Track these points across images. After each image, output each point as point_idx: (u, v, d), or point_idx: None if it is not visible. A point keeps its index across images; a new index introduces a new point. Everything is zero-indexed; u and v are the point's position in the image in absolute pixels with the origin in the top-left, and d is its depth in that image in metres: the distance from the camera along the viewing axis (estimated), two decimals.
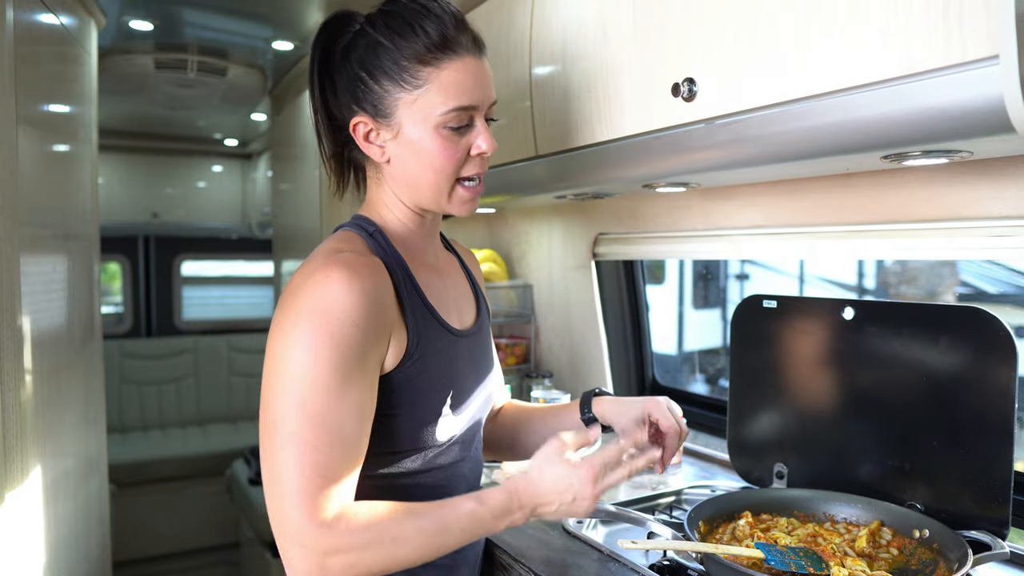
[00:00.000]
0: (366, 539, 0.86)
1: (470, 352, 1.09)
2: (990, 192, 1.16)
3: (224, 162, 4.56)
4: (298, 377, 0.86)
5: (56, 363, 1.67)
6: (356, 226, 1.03)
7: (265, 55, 2.80)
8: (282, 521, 0.86)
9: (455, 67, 0.97)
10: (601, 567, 1.17)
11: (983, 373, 1.11)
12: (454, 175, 1.00)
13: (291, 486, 0.85)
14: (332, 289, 0.88)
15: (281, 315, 0.90)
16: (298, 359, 0.86)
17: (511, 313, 2.35)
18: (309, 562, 0.85)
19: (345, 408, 0.87)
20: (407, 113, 0.97)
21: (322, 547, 0.84)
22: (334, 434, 0.86)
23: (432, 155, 0.98)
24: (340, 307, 0.87)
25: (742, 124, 1.06)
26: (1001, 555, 1.03)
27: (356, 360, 0.88)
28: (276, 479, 0.86)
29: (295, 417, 0.86)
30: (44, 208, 1.63)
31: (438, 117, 0.96)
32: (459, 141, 0.99)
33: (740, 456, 1.48)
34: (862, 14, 0.88)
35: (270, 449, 0.87)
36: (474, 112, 0.99)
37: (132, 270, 4.65)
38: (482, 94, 0.99)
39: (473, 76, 0.98)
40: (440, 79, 0.96)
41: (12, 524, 1.37)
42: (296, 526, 0.85)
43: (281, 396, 0.87)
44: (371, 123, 1.00)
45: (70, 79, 1.88)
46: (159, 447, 4.19)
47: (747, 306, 1.46)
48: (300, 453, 0.85)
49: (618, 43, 1.26)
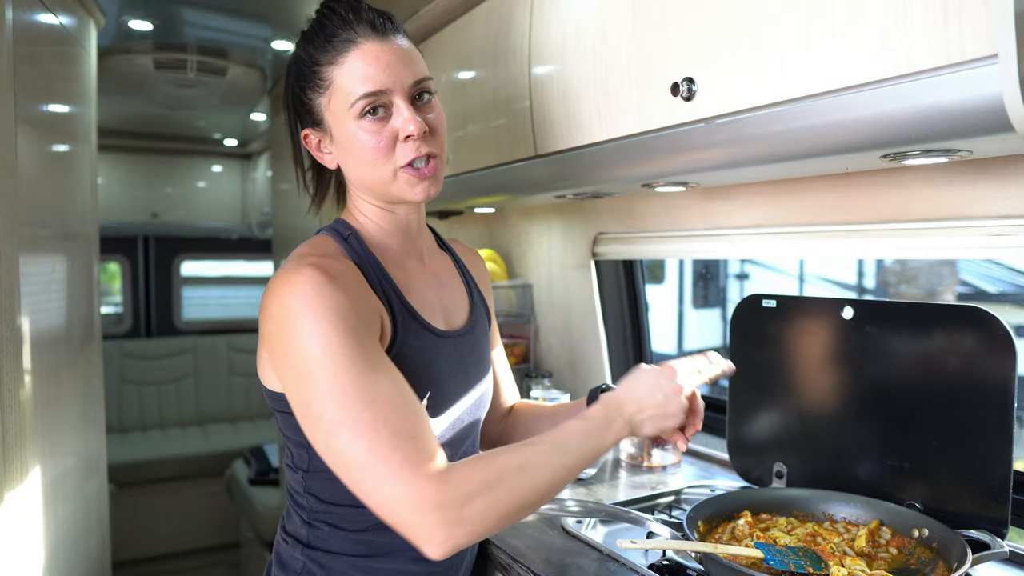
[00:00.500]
0: (493, 474, 0.84)
1: (456, 353, 1.08)
2: (990, 191, 1.16)
3: (224, 162, 4.56)
4: (329, 371, 0.84)
5: (55, 363, 1.67)
6: (332, 230, 1.05)
7: (264, 55, 2.80)
8: (394, 501, 0.81)
9: (353, 57, 0.97)
10: (600, 567, 1.17)
11: (983, 372, 1.11)
12: (390, 163, 0.99)
13: (387, 466, 0.81)
14: (313, 285, 0.87)
15: (275, 326, 0.89)
16: (319, 356, 0.84)
17: (511, 313, 2.35)
18: (448, 521, 0.80)
19: (382, 375, 0.86)
20: (330, 116, 1.00)
21: (453, 499, 0.80)
22: (387, 399, 0.84)
23: (361, 149, 0.99)
24: (327, 297, 0.87)
25: (741, 123, 1.06)
26: (1000, 554, 1.03)
27: (367, 335, 0.88)
28: (367, 473, 0.82)
29: (346, 405, 0.83)
30: (43, 208, 1.63)
31: (351, 110, 0.97)
32: (383, 128, 0.98)
33: (739, 456, 1.48)
34: (861, 13, 0.87)
35: (342, 451, 0.83)
36: (388, 96, 0.97)
37: (132, 270, 4.65)
38: (390, 75, 0.97)
39: (375, 60, 0.97)
40: (342, 73, 0.97)
41: (11, 524, 1.37)
42: (412, 495, 0.80)
43: (326, 398, 0.84)
44: (314, 134, 1.04)
45: (69, 79, 1.88)
46: (159, 447, 4.19)
47: (747, 306, 1.46)
48: (374, 433, 0.82)
49: (617, 42, 1.26)
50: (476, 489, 0.82)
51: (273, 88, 3.18)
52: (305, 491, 1.02)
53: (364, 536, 1.01)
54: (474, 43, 1.71)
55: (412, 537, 0.81)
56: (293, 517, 1.05)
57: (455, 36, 1.80)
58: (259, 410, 4.80)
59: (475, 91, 1.72)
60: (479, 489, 0.82)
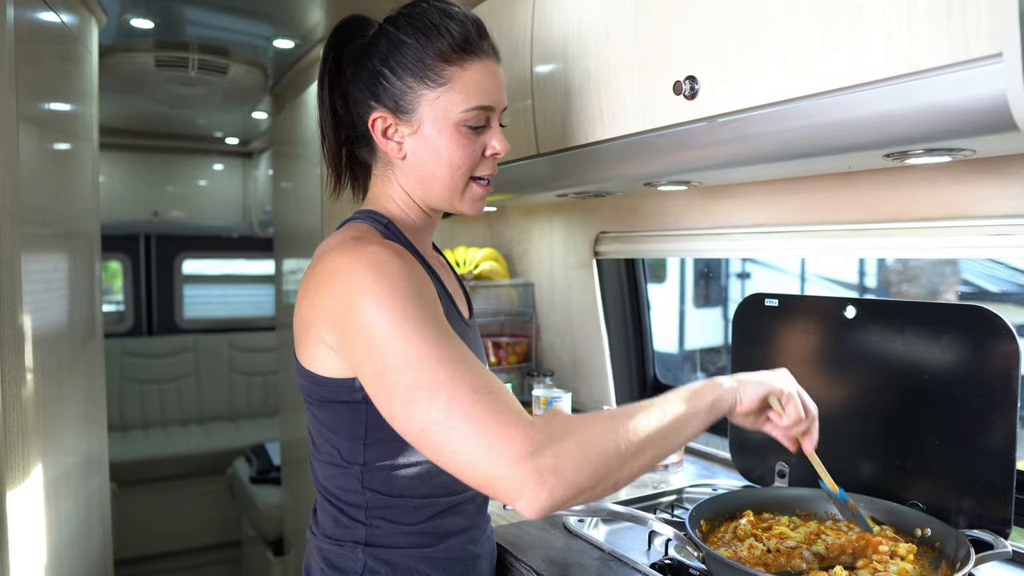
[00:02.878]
0: (581, 423, 0.80)
1: (473, 343, 1.12)
2: (993, 191, 1.16)
3: (225, 160, 4.56)
4: (404, 338, 0.82)
5: (57, 361, 1.67)
6: (368, 218, 1.04)
7: (266, 53, 2.79)
8: (481, 456, 0.77)
9: (477, 68, 1.01)
10: (602, 566, 1.17)
11: (985, 372, 1.11)
12: (469, 173, 1.03)
13: (470, 421, 0.77)
14: (381, 260, 0.87)
15: (344, 300, 0.86)
16: (394, 324, 0.83)
17: (512, 311, 2.35)
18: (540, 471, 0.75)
19: (456, 342, 0.84)
20: (429, 110, 1.00)
21: (543, 446, 0.76)
22: (467, 361, 0.82)
23: (450, 152, 1.01)
24: (397, 269, 0.87)
25: (744, 122, 1.06)
26: (1003, 554, 1.03)
27: (435, 306, 0.87)
28: (449, 433, 0.78)
29: (429, 369, 0.80)
30: (45, 206, 1.63)
31: (459, 115, 1.00)
32: (476, 140, 1.02)
33: (741, 455, 1.48)
34: (864, 12, 0.87)
35: (422, 416, 0.80)
36: (491, 113, 1.03)
37: (133, 268, 4.65)
38: (499, 96, 1.03)
39: (492, 78, 1.02)
40: (463, 78, 1.00)
41: (14, 522, 1.37)
42: (500, 445, 0.76)
43: (402, 364, 0.81)
44: (391, 119, 1.02)
45: (71, 77, 1.88)
46: (160, 445, 4.19)
47: (749, 305, 1.46)
48: (454, 391, 0.79)
49: (619, 41, 1.26)
50: (564, 436, 0.78)
51: (275, 87, 3.18)
52: (363, 487, 0.99)
53: (424, 527, 1.01)
54: None
55: (505, 494, 0.76)
56: (341, 519, 1.01)
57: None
58: (260, 408, 4.80)
59: None
60: (567, 436, 0.78)
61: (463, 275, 2.33)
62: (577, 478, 0.77)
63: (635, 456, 0.82)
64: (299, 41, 2.60)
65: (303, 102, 2.71)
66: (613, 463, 0.79)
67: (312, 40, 2.56)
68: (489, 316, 2.32)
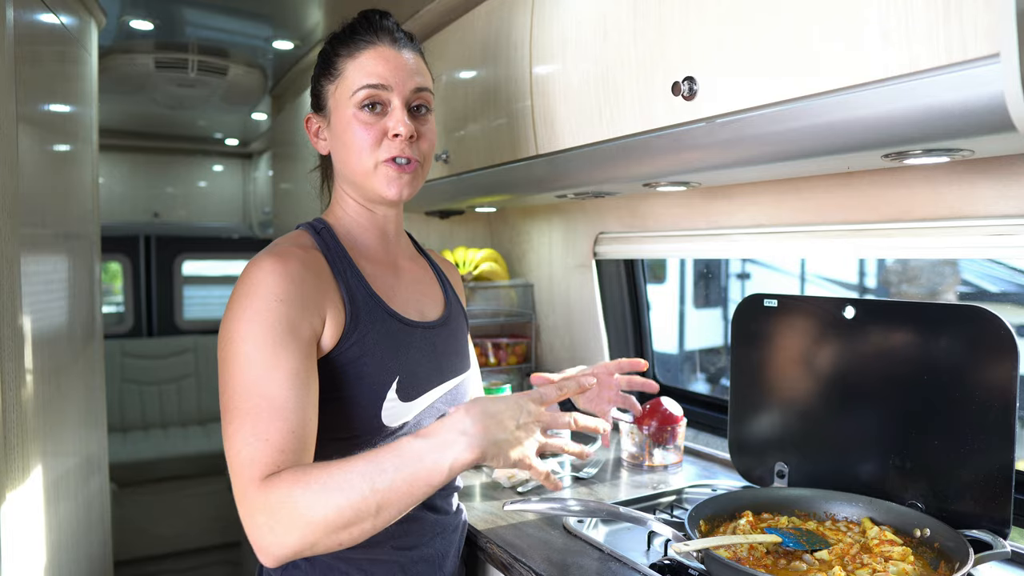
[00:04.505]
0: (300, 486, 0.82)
1: (429, 345, 1.13)
2: (992, 191, 1.16)
3: (225, 162, 4.56)
4: (236, 356, 0.90)
5: (57, 363, 1.67)
6: (308, 224, 1.12)
7: (265, 55, 2.80)
8: (236, 491, 0.86)
9: (368, 53, 1.08)
10: (602, 566, 1.17)
11: (984, 372, 1.11)
12: (373, 155, 1.07)
13: (236, 456, 0.86)
14: (260, 273, 0.94)
15: (226, 308, 0.96)
16: (234, 340, 0.91)
17: (512, 312, 2.35)
18: (260, 527, 0.83)
19: (280, 376, 0.90)
20: (332, 102, 1.10)
21: (266, 505, 0.82)
22: (270, 400, 0.88)
23: (352, 136, 1.07)
24: (264, 285, 0.93)
25: (742, 123, 1.06)
26: (1002, 554, 1.03)
27: (286, 331, 0.92)
28: (228, 454, 0.88)
29: (236, 392, 0.89)
30: (45, 208, 1.63)
31: (352, 99, 1.07)
32: (376, 123, 1.07)
33: (741, 455, 1.48)
34: (862, 13, 0.87)
35: (223, 429, 0.90)
36: (388, 94, 1.07)
37: (133, 270, 4.65)
38: (394, 75, 1.07)
39: (384, 61, 1.07)
40: (353, 66, 1.08)
41: (13, 523, 1.37)
42: (241, 491, 0.85)
43: (225, 377, 0.91)
44: (315, 119, 1.15)
45: (71, 79, 1.88)
46: (160, 446, 4.19)
47: (748, 305, 1.46)
48: (241, 424, 0.88)
49: (618, 42, 1.26)
50: (283, 499, 0.82)
51: (274, 88, 3.18)
52: None
53: None
54: (475, 42, 1.71)
55: (248, 535, 0.85)
56: None
57: (456, 35, 1.80)
58: None
59: (476, 90, 1.71)
60: (286, 499, 0.82)
61: (463, 276, 2.33)
62: (289, 541, 0.82)
63: (348, 521, 0.82)
64: (298, 42, 2.60)
65: (303, 103, 2.71)
66: (324, 527, 0.82)
67: (311, 41, 2.56)
68: (488, 317, 2.32)
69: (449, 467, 0.83)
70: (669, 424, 1.66)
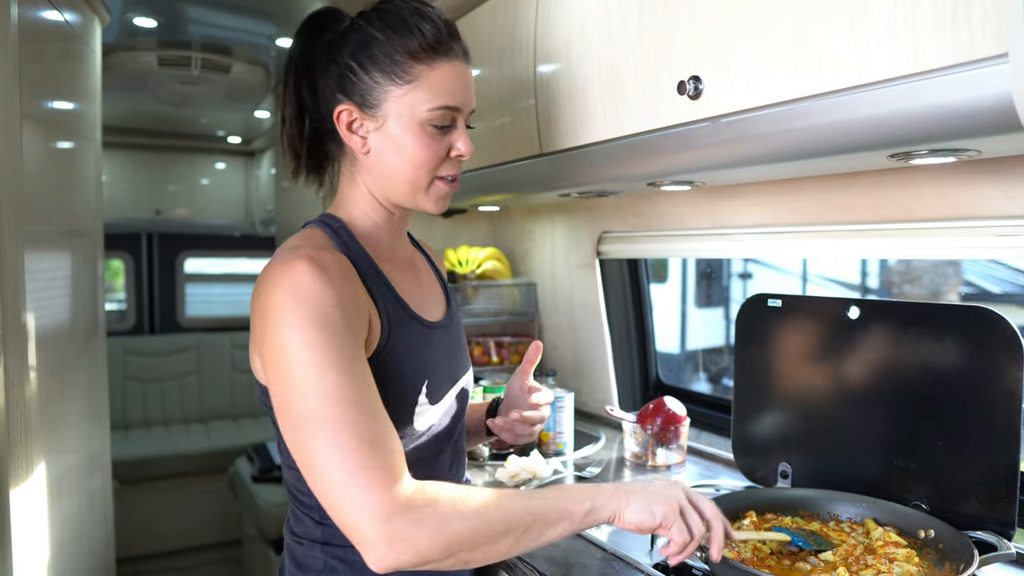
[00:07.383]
0: (449, 501, 0.83)
1: (442, 344, 1.11)
2: (998, 192, 1.15)
3: (227, 159, 4.56)
4: (303, 366, 0.85)
5: (60, 360, 1.67)
6: (321, 223, 1.05)
7: (268, 52, 2.80)
8: (343, 503, 0.81)
9: (445, 68, 1.01)
10: (605, 566, 1.17)
11: (989, 373, 1.10)
12: (432, 172, 1.03)
13: (342, 467, 0.81)
14: (302, 279, 0.88)
15: (262, 318, 0.90)
16: (296, 350, 0.85)
17: (515, 311, 2.35)
18: (391, 534, 0.79)
19: (357, 380, 0.86)
20: (395, 106, 1.00)
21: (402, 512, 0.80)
22: (356, 404, 0.84)
23: (414, 150, 1.01)
24: (315, 292, 0.88)
25: (747, 122, 1.06)
26: (1007, 556, 1.02)
27: (348, 336, 0.88)
28: (322, 471, 0.82)
29: (317, 403, 0.84)
30: (48, 205, 1.63)
31: (425, 114, 1.00)
32: (440, 140, 1.02)
33: (744, 455, 1.48)
34: (869, 12, 0.87)
35: (303, 445, 0.84)
36: (457, 114, 1.03)
37: (135, 267, 4.65)
38: (466, 98, 1.03)
39: (461, 79, 1.02)
40: (431, 77, 1.00)
41: (16, 521, 1.37)
42: (362, 500, 0.80)
43: (295, 391, 0.85)
44: (356, 113, 1.02)
45: (74, 76, 1.88)
46: (162, 444, 4.20)
47: (752, 305, 1.46)
48: (336, 431, 0.82)
49: (623, 41, 1.25)
50: (426, 506, 0.81)
51: (277, 86, 3.18)
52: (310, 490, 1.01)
53: None
54: (479, 41, 1.70)
55: (358, 542, 0.81)
56: (302, 519, 1.04)
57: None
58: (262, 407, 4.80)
59: (480, 89, 1.71)
60: (429, 507, 0.81)
61: (465, 274, 2.33)
62: (427, 550, 0.80)
63: (492, 543, 0.84)
64: None
65: None
66: (467, 544, 0.82)
67: None
68: (491, 316, 2.32)
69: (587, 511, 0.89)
70: (672, 424, 1.66)
